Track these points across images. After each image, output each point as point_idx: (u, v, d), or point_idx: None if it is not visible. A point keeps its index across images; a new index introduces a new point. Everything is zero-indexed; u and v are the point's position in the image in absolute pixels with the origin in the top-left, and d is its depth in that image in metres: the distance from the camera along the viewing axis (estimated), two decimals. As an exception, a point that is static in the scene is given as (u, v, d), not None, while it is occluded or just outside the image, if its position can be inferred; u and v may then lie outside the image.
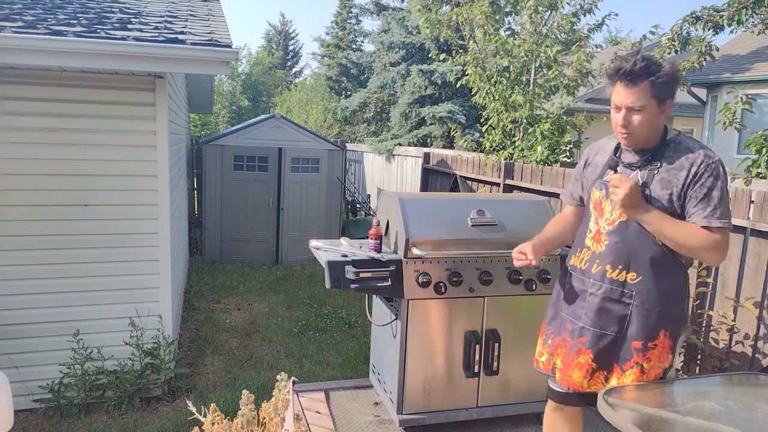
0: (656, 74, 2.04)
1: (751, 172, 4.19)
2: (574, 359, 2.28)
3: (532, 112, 6.46)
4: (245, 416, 1.93)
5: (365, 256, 3.05)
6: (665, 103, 2.10)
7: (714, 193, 2.05)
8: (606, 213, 2.25)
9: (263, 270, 8.13)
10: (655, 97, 2.06)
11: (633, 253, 2.17)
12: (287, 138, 8.51)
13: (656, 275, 2.14)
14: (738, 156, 10.89)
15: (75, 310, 4.01)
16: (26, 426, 3.78)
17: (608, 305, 2.20)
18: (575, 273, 2.36)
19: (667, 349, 2.16)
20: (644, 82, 2.04)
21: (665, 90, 2.07)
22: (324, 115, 20.98)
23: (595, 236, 2.28)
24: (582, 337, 2.26)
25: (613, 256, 2.20)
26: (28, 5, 4.16)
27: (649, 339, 2.15)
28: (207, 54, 3.61)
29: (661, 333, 2.16)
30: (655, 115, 2.09)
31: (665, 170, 2.11)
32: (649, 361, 2.16)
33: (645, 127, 2.10)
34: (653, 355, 2.16)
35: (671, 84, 2.08)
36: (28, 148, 3.83)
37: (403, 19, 14.18)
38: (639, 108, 2.07)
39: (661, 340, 2.16)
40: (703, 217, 2.05)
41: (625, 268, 2.18)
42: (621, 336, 2.19)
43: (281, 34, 33.73)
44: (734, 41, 13.52)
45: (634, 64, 2.06)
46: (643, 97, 2.05)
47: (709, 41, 7.13)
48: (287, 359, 5.04)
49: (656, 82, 2.04)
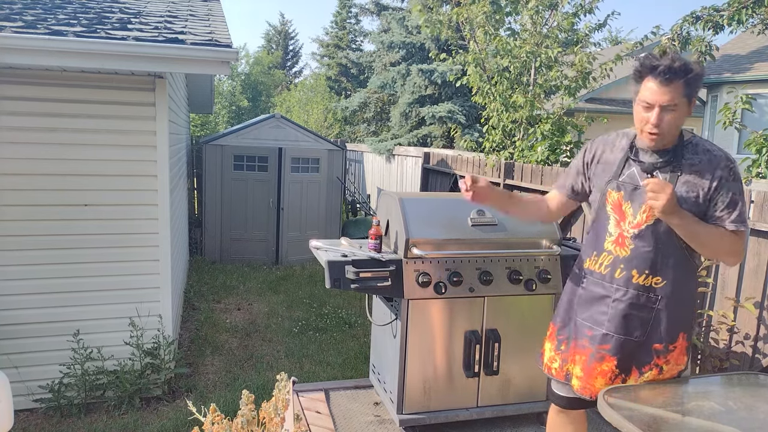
0: (689, 73, 2.02)
1: (751, 172, 4.19)
2: (597, 367, 2.22)
3: (533, 113, 6.45)
4: (245, 416, 1.93)
5: (365, 256, 3.05)
6: (692, 103, 2.09)
7: (737, 197, 2.07)
8: (629, 216, 2.19)
9: (263, 270, 8.13)
10: (686, 96, 2.04)
11: (659, 257, 2.13)
12: (287, 138, 8.51)
13: (678, 279, 2.14)
14: (738, 156, 10.87)
15: (75, 310, 4.02)
16: (26, 426, 3.78)
17: (634, 312, 2.16)
18: (592, 277, 2.29)
19: (684, 351, 2.18)
20: (680, 80, 2.02)
21: (694, 89, 2.06)
22: (324, 115, 20.97)
23: (617, 240, 2.22)
24: (605, 344, 2.20)
25: (639, 261, 2.15)
26: (28, 5, 4.16)
27: (670, 342, 2.16)
28: (207, 54, 3.61)
29: (680, 336, 2.17)
30: (683, 115, 2.08)
31: (688, 172, 2.09)
32: (668, 363, 2.17)
33: (674, 127, 2.08)
34: (672, 357, 2.17)
35: (700, 83, 2.09)
36: (28, 148, 3.83)
37: (403, 18, 14.18)
38: (673, 107, 2.04)
39: (680, 343, 2.17)
40: (731, 221, 2.06)
41: (652, 272, 2.14)
42: (643, 340, 2.17)
43: (281, 34, 33.73)
44: (734, 41, 13.52)
45: (672, 61, 2.02)
46: (677, 96, 2.03)
47: (709, 41, 7.14)
48: (287, 359, 5.04)
49: (689, 81, 2.03)
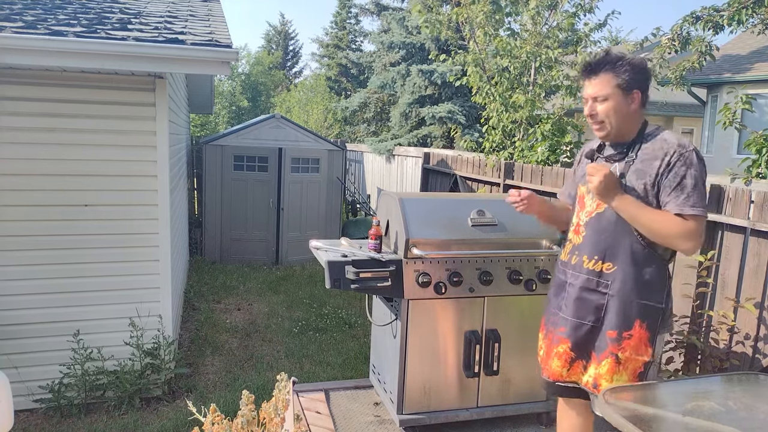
0: (615, 63, 2.11)
1: (751, 172, 4.19)
2: (553, 348, 2.35)
3: (533, 113, 6.45)
4: (245, 416, 1.93)
5: (365, 256, 3.05)
6: (632, 94, 2.14)
7: (686, 181, 2.06)
8: (586, 206, 2.31)
9: (263, 270, 8.13)
10: (620, 87, 2.12)
11: (608, 243, 2.20)
12: (287, 138, 8.51)
13: (632, 266, 2.15)
14: (738, 156, 10.89)
15: (75, 310, 4.01)
16: (26, 426, 3.78)
17: (585, 295, 2.25)
18: (560, 265, 2.44)
19: (645, 342, 2.16)
20: (604, 71, 2.12)
21: (631, 81, 2.12)
22: (324, 115, 20.96)
23: (575, 228, 2.35)
24: (561, 327, 2.32)
25: (589, 247, 2.25)
26: (28, 5, 4.16)
27: (624, 329, 2.17)
28: (207, 54, 3.61)
29: (636, 323, 2.16)
30: (622, 105, 2.13)
31: (640, 161, 2.15)
32: (624, 352, 2.17)
33: (612, 117, 2.14)
34: (628, 345, 2.17)
35: (636, 74, 2.13)
36: (28, 149, 3.83)
37: (403, 19, 14.16)
38: (603, 98, 2.14)
39: (637, 331, 2.16)
40: (676, 204, 2.07)
41: (601, 258, 2.21)
42: (598, 326, 2.22)
43: (281, 34, 33.70)
44: (734, 41, 13.52)
45: (594, 57, 2.18)
46: (606, 87, 2.12)
47: (709, 41, 7.15)
48: (287, 359, 5.04)
49: (619, 71, 2.11)
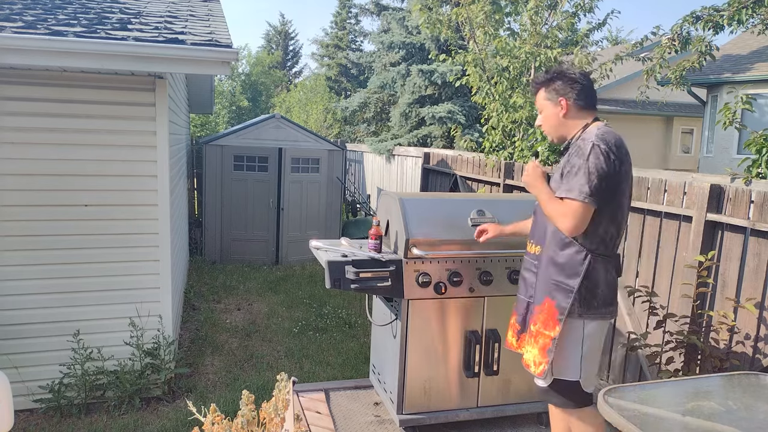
0: (543, 80, 2.47)
1: (751, 172, 4.18)
2: (509, 321, 2.65)
3: (533, 113, 6.45)
4: (245, 416, 1.94)
5: (365, 256, 3.05)
6: (559, 103, 2.43)
7: (574, 170, 2.29)
8: None
9: (263, 270, 8.13)
10: (548, 99, 2.46)
11: (539, 228, 2.49)
12: (287, 138, 8.51)
13: (552, 248, 2.39)
14: (738, 156, 10.90)
15: (75, 310, 4.01)
16: (26, 426, 3.78)
17: (525, 274, 2.56)
18: None
19: (553, 318, 2.35)
20: (537, 89, 2.52)
21: (553, 92, 2.44)
22: (324, 115, 20.96)
23: None
24: (515, 303, 2.63)
25: (532, 232, 2.58)
26: (28, 5, 4.15)
27: (536, 303, 2.43)
28: (207, 54, 3.61)
29: (546, 299, 2.38)
30: (552, 115, 2.46)
31: (567, 156, 2.39)
32: (535, 324, 2.42)
33: (547, 125, 2.50)
34: (538, 319, 2.41)
35: (560, 85, 2.42)
36: (28, 149, 3.83)
37: (403, 19, 14.16)
38: (539, 110, 2.53)
39: (547, 308, 2.37)
40: (563, 189, 2.31)
41: (535, 242, 2.51)
42: (532, 302, 2.48)
43: (281, 34, 33.72)
44: (734, 41, 13.52)
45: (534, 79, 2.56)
46: (539, 101, 2.51)
47: (709, 41, 7.14)
48: (287, 359, 5.04)
49: (546, 86, 2.46)
